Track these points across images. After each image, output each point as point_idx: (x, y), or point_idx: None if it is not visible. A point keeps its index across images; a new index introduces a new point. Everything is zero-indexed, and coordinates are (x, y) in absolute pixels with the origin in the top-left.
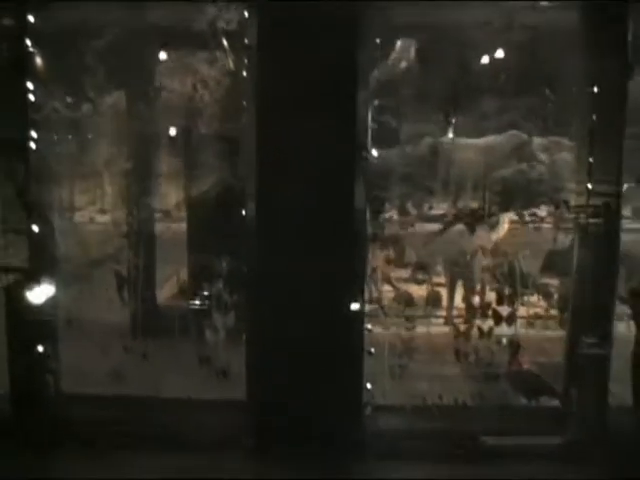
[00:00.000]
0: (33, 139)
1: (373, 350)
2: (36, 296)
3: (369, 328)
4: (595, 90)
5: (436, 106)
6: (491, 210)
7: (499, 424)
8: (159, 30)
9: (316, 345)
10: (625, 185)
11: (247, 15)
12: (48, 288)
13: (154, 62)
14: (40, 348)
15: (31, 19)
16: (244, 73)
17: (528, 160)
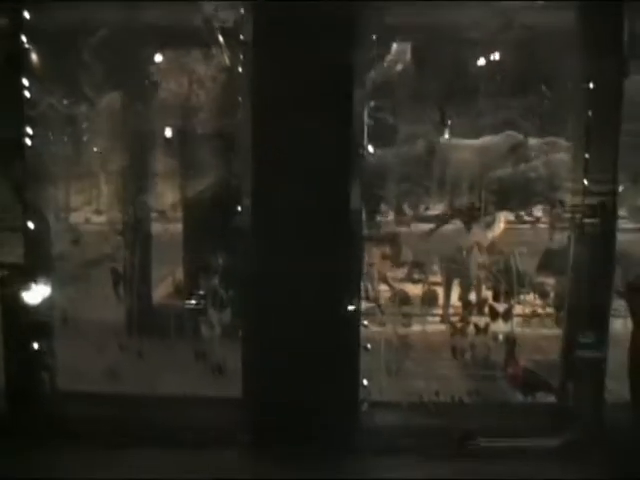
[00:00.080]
0: (29, 136)
1: (369, 346)
2: (32, 293)
3: (365, 324)
4: (591, 89)
5: (432, 107)
6: (487, 209)
7: (495, 421)
8: (155, 28)
9: (312, 342)
10: (621, 186)
11: (243, 12)
12: (44, 285)
13: (150, 61)
14: (35, 345)
15: (27, 16)
16: (239, 69)
17: (524, 160)
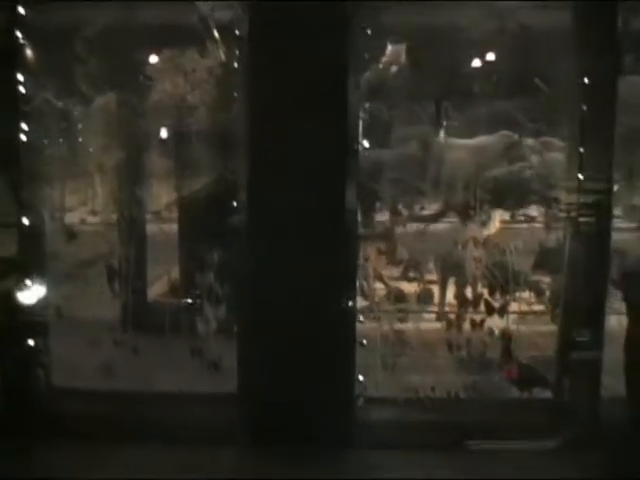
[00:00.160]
0: (24, 132)
1: (365, 342)
2: (27, 290)
3: (361, 320)
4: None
5: (427, 106)
6: (482, 208)
7: (491, 416)
8: (150, 26)
9: (308, 338)
10: (616, 186)
11: (239, 11)
12: (39, 283)
13: (145, 58)
14: (31, 342)
15: (22, 12)
16: (235, 64)
17: (519, 160)
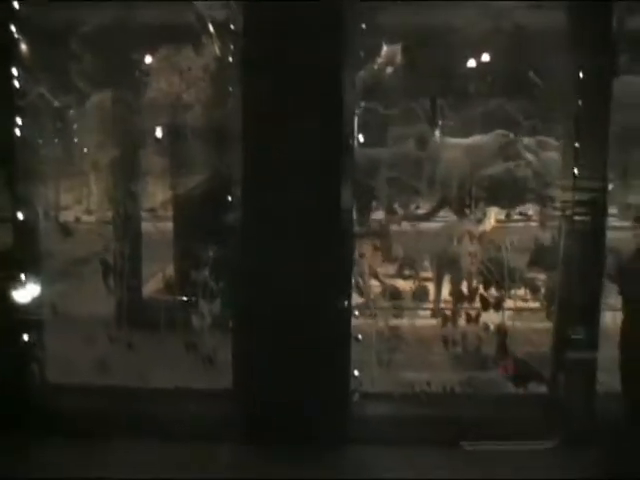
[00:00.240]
0: (18, 126)
1: (360, 337)
2: (22, 288)
3: (356, 314)
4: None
5: (423, 106)
6: (478, 207)
7: (487, 411)
8: (145, 23)
9: (303, 333)
10: (611, 185)
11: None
12: (34, 280)
13: (140, 56)
14: (25, 337)
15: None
16: (230, 58)
17: (514, 159)
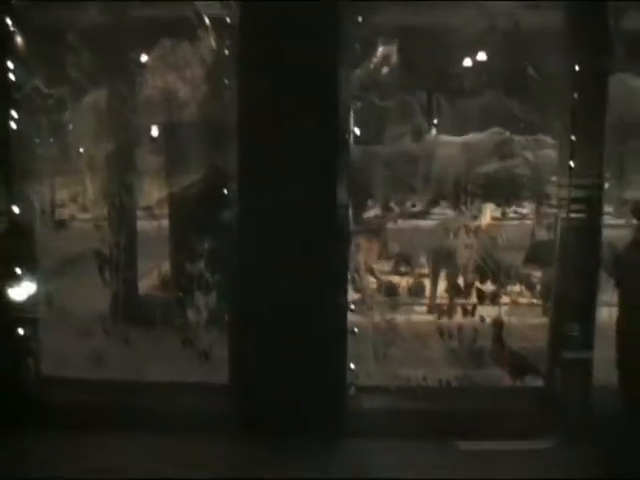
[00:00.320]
0: (14, 119)
1: (356, 330)
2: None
3: (352, 308)
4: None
5: (420, 104)
6: (474, 204)
7: (483, 405)
8: (141, 19)
9: (299, 328)
10: (607, 184)
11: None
12: (30, 278)
13: (136, 52)
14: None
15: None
16: (226, 51)
17: (510, 156)
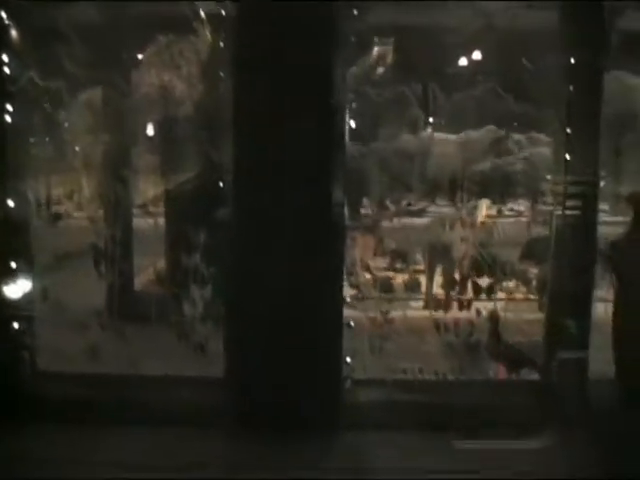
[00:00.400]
0: (8, 112)
1: (352, 323)
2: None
3: (348, 302)
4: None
5: (416, 103)
6: (470, 201)
7: (479, 398)
8: (137, 16)
9: (294, 321)
10: (602, 182)
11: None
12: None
13: (133, 53)
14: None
15: None
16: (221, 44)
17: (506, 154)
